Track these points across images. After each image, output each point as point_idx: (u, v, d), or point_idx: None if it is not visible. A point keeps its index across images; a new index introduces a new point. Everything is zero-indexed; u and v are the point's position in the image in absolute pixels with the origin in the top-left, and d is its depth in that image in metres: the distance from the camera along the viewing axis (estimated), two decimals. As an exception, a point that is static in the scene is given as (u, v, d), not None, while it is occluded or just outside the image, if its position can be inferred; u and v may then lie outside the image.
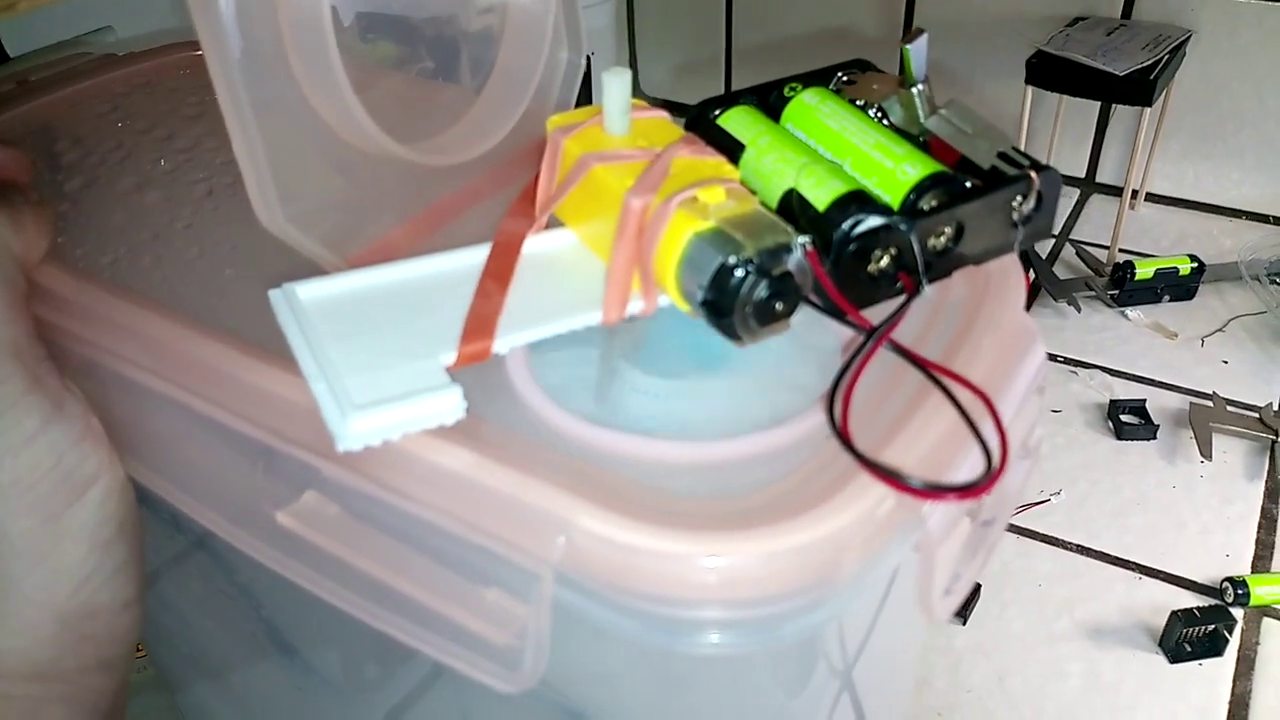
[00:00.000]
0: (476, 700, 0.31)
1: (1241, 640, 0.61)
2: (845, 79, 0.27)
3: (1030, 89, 0.88)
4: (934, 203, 0.24)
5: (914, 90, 0.26)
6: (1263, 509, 0.69)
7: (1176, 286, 0.88)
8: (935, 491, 0.20)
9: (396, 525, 0.23)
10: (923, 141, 0.26)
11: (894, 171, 0.24)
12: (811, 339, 0.26)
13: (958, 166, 0.25)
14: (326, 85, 0.24)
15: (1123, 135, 1.01)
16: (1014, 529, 0.68)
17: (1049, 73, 0.87)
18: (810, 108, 0.27)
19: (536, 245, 0.27)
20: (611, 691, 0.27)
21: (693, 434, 0.24)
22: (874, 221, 0.23)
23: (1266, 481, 0.70)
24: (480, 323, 0.24)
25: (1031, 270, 0.90)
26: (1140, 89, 0.83)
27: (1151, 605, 0.63)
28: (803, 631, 0.21)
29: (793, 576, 0.20)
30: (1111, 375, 0.81)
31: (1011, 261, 0.26)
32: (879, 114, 0.27)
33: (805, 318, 0.23)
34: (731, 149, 0.27)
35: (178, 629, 0.43)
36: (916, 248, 0.23)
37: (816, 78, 0.28)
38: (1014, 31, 0.99)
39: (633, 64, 1.27)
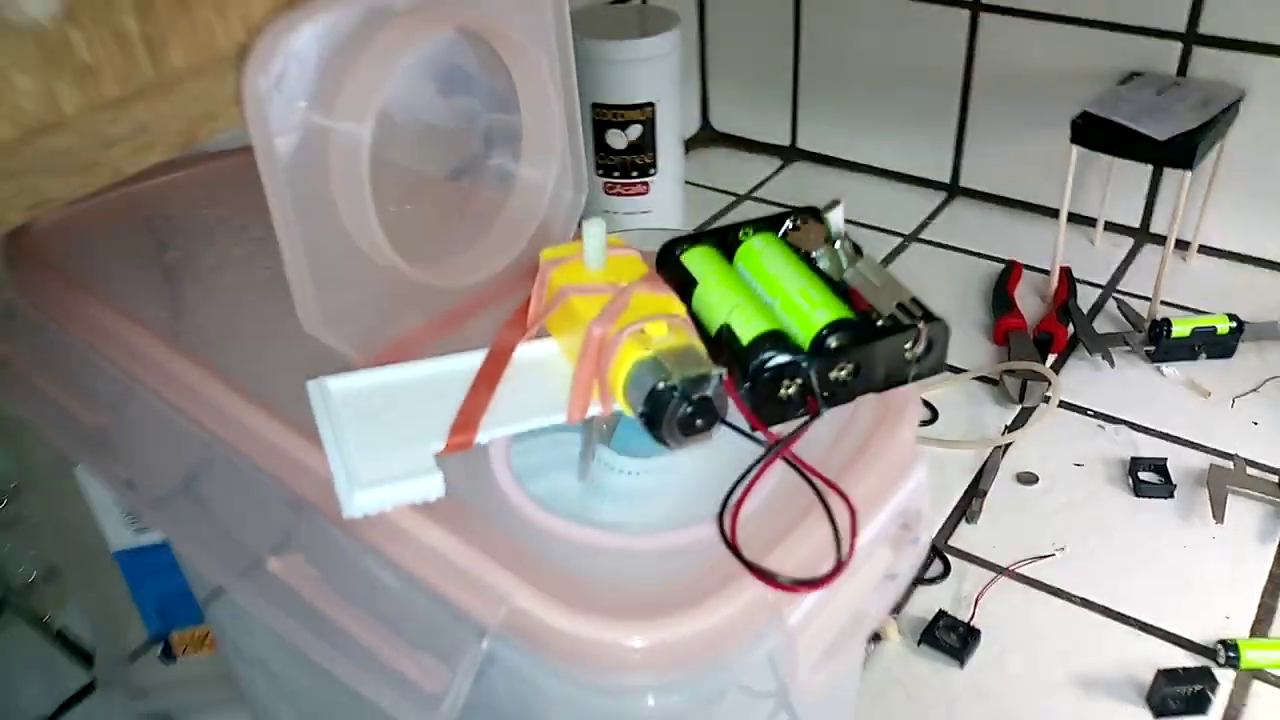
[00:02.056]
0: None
1: (1229, 701, 0.64)
2: (793, 226, 0.33)
3: (1075, 147, 0.91)
4: (837, 344, 0.29)
5: (836, 246, 0.31)
6: (1270, 574, 0.71)
7: (1214, 345, 0.89)
8: (794, 586, 0.25)
9: (369, 580, 0.29)
10: (843, 286, 0.31)
11: (809, 315, 0.30)
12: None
13: (866, 311, 0.30)
14: (364, 226, 0.31)
15: (1177, 186, 1.03)
16: (1022, 579, 0.72)
17: (1093, 133, 0.90)
18: (756, 251, 0.32)
19: (525, 352, 0.33)
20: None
21: (636, 507, 0.30)
22: (782, 359, 0.29)
23: (1279, 546, 0.73)
24: (468, 418, 0.30)
25: (1071, 323, 0.93)
26: (1181, 153, 0.85)
27: (1146, 661, 0.66)
28: (708, 687, 0.27)
29: (688, 655, 0.25)
30: (1137, 431, 0.83)
31: (909, 391, 0.31)
32: (812, 261, 0.32)
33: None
34: (687, 283, 0.32)
35: (241, 637, 0.50)
36: (816, 381, 0.28)
37: (768, 224, 0.33)
38: (1068, 84, 1.01)
39: (703, 100, 1.32)
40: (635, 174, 1.08)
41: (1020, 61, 1.06)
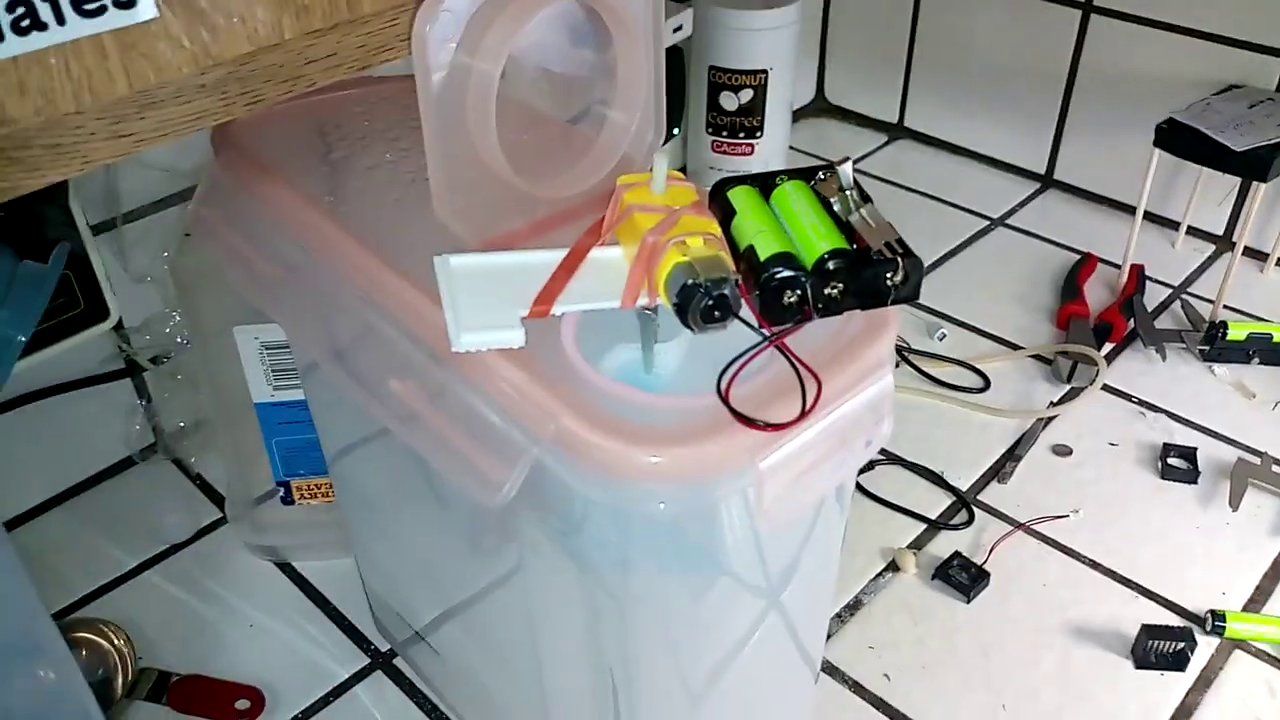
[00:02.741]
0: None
1: (1208, 663, 0.70)
2: (821, 177, 0.41)
3: (1157, 150, 0.96)
4: (833, 267, 0.38)
5: (846, 193, 0.40)
6: (1275, 561, 0.77)
7: (1268, 351, 0.94)
8: (766, 426, 0.35)
9: (462, 398, 0.39)
10: (849, 227, 0.40)
11: (815, 244, 0.38)
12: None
13: (861, 247, 0.39)
14: (488, 146, 0.41)
15: (1268, 198, 1.06)
16: (1037, 535, 0.79)
17: (1176, 139, 0.94)
18: (787, 194, 0.41)
19: (597, 254, 0.42)
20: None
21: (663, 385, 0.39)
22: (788, 273, 0.37)
23: (1287, 539, 0.78)
24: (547, 295, 0.40)
25: (1132, 316, 0.98)
26: (1256, 166, 0.90)
27: (1137, 621, 0.72)
28: (702, 501, 0.36)
29: (694, 471, 0.35)
30: (1175, 421, 0.89)
31: (887, 312, 0.40)
32: (829, 205, 0.41)
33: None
34: (729, 212, 0.41)
35: (358, 482, 0.61)
36: (812, 294, 0.37)
37: (802, 174, 0.42)
38: (1168, 90, 1.05)
39: (820, 71, 1.39)
40: (742, 135, 1.15)
41: (1124, 64, 1.10)
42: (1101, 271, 1.07)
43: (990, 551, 0.78)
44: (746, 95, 1.13)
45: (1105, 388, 0.93)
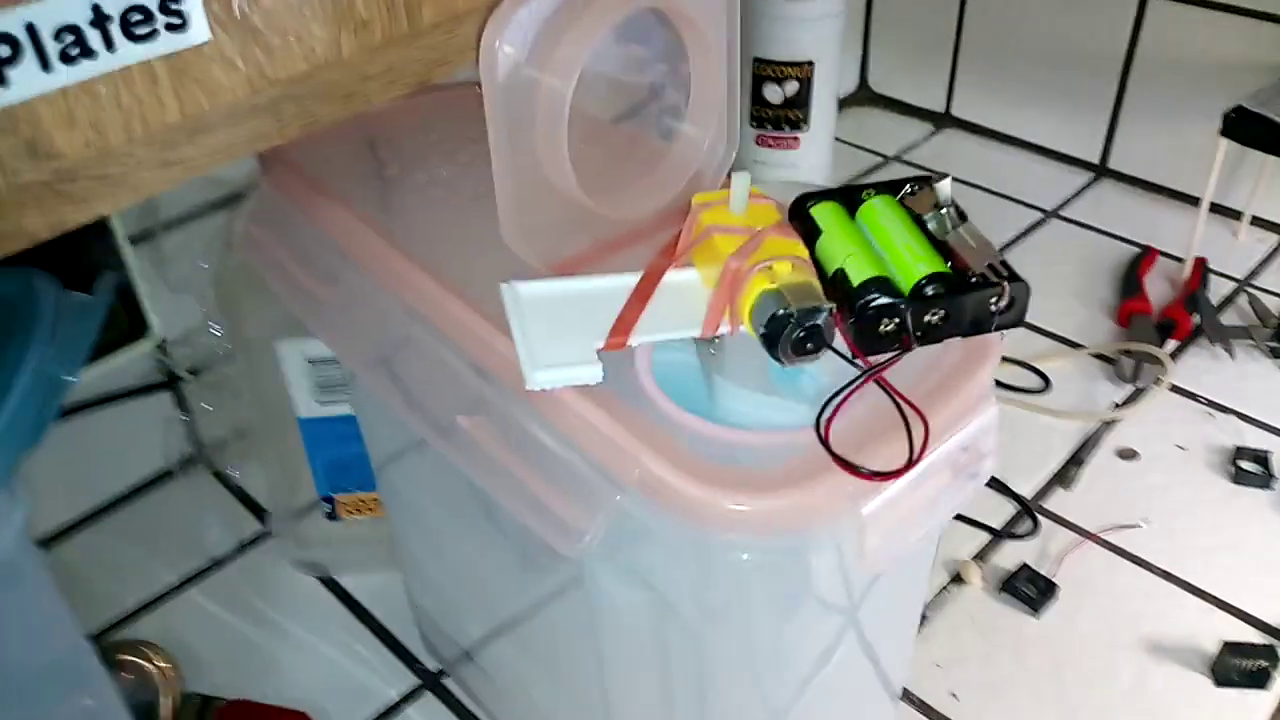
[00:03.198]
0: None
1: (1292, 681, 0.67)
2: (910, 191, 0.39)
3: (1224, 139, 0.92)
4: (932, 292, 0.35)
5: (942, 211, 0.37)
6: (1358, 571, 0.74)
7: (1341, 348, 0.90)
8: (874, 475, 0.32)
9: (536, 438, 0.37)
10: (946, 246, 0.37)
11: (912, 267, 0.36)
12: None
13: (961, 268, 0.36)
14: (559, 166, 0.38)
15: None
16: (1107, 545, 0.76)
17: (1245, 128, 0.91)
18: (875, 210, 0.38)
19: (672, 277, 0.40)
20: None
21: (750, 417, 0.37)
22: (884, 300, 0.35)
23: (1370, 547, 0.75)
24: (623, 325, 0.38)
25: (1197, 312, 0.95)
26: (1331, 156, 0.86)
27: (1215, 635, 0.69)
28: (793, 553, 0.34)
29: (790, 519, 0.33)
30: (1246, 422, 0.86)
31: (991, 339, 0.37)
32: (922, 222, 0.38)
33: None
34: (813, 231, 0.39)
35: (408, 497, 0.59)
36: (911, 322, 0.35)
37: (889, 187, 0.39)
38: (1230, 76, 1.01)
39: (863, 60, 1.35)
40: (788, 128, 1.12)
41: (1184, 49, 1.06)
42: (1162, 265, 1.04)
43: (1059, 563, 0.75)
44: (792, 87, 1.10)
45: (1171, 388, 0.89)
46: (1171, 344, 0.93)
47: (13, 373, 0.37)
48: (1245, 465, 0.81)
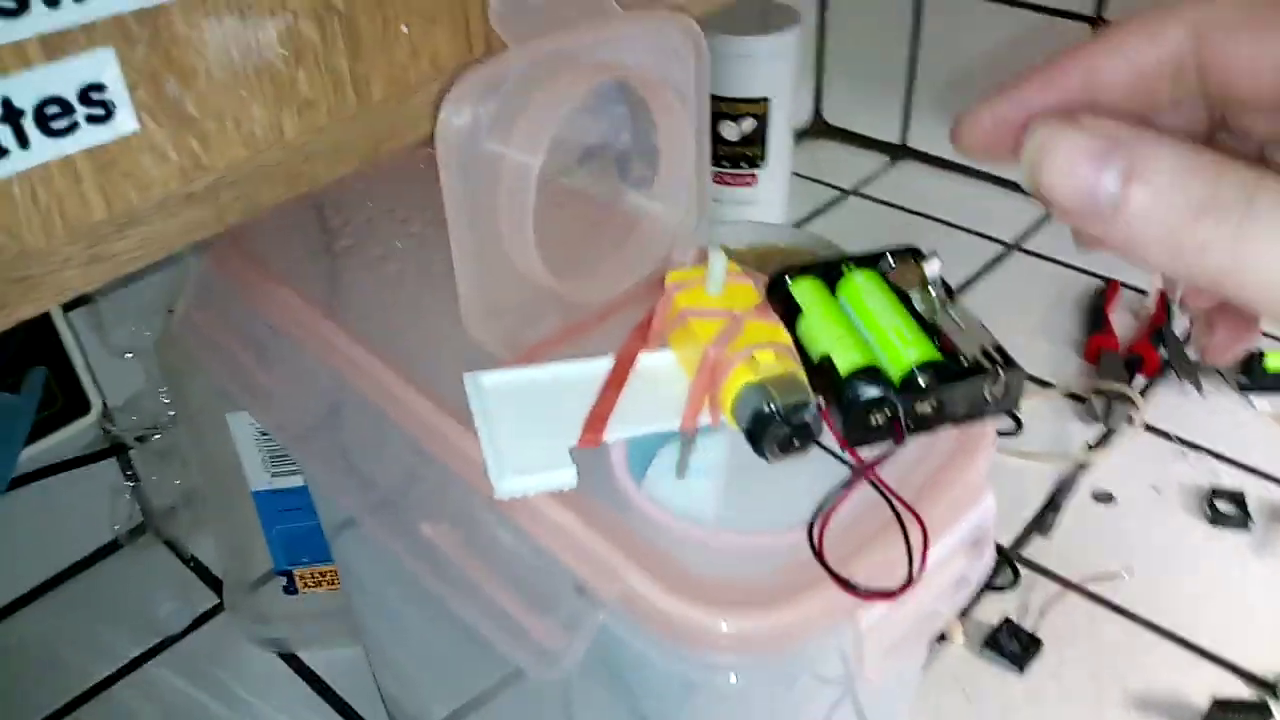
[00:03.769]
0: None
1: (1283, 733, 0.66)
2: (891, 264, 0.37)
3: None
4: (925, 382, 0.33)
5: (930, 290, 0.35)
6: (1341, 614, 0.73)
7: (1309, 381, 0.90)
8: (875, 595, 0.30)
9: (505, 546, 0.34)
10: (934, 327, 0.35)
11: (901, 352, 0.34)
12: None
13: (952, 353, 0.34)
14: (524, 250, 0.36)
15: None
16: (1088, 595, 0.75)
17: None
18: (858, 286, 0.36)
19: (646, 361, 0.37)
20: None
21: (733, 514, 0.34)
22: (874, 392, 0.33)
23: (1351, 588, 0.74)
24: (597, 419, 0.35)
25: (1163, 346, 0.94)
26: None
27: (1203, 688, 0.68)
28: (786, 673, 0.31)
29: (769, 643, 0.30)
30: (1220, 460, 0.85)
31: (984, 429, 0.35)
32: (907, 300, 0.36)
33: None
34: (793, 309, 0.36)
35: (362, 576, 0.56)
36: (903, 414, 0.33)
37: (869, 261, 0.37)
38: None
39: (817, 92, 1.34)
40: (744, 165, 1.11)
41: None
42: (1126, 298, 1.03)
43: (1042, 616, 0.73)
44: (748, 124, 1.09)
45: (1145, 427, 0.88)
46: (1141, 380, 0.93)
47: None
48: (1221, 506, 0.80)
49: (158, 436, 0.79)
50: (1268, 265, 0.22)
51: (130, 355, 0.76)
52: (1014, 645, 0.70)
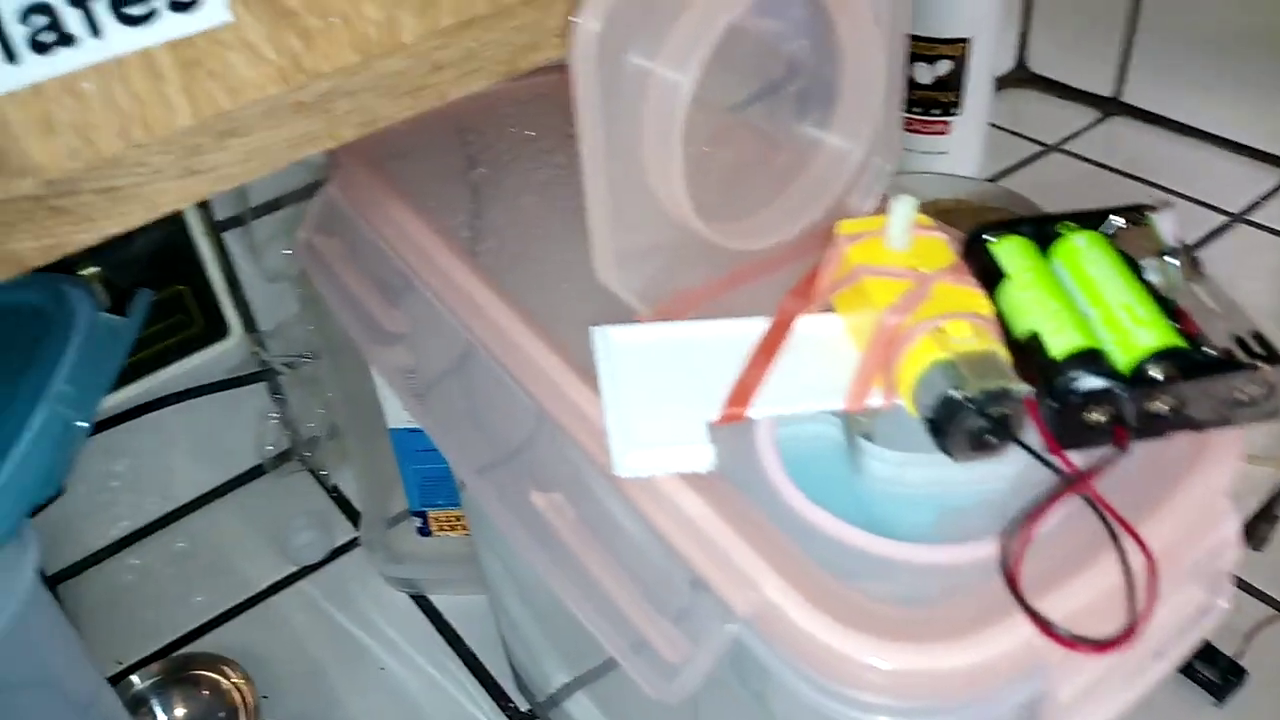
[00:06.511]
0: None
1: None
2: (1120, 224, 0.29)
3: None
4: (1160, 374, 0.26)
5: (1166, 259, 0.27)
6: None
7: None
8: (1075, 643, 0.23)
9: (625, 534, 0.29)
10: (1173, 305, 0.28)
11: (1131, 335, 0.27)
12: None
13: (1197, 338, 0.27)
14: (671, 185, 0.30)
15: None
16: (1307, 622, 0.65)
17: None
18: (1078, 250, 0.29)
19: (807, 325, 0.31)
20: None
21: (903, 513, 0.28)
22: (1096, 383, 0.26)
23: None
24: (743, 390, 0.30)
25: None
26: None
27: None
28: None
29: (933, 689, 0.24)
30: None
31: (1232, 434, 0.28)
32: (1139, 270, 0.29)
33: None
34: (994, 275, 0.30)
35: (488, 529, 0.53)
36: (1132, 413, 0.26)
37: (1091, 219, 0.30)
38: None
39: (1022, 37, 1.23)
40: (937, 112, 1.02)
41: None
42: (1373, 281, 0.90)
43: (1248, 641, 0.63)
44: (944, 67, 0.99)
45: (1389, 432, 0.76)
46: (1388, 378, 0.80)
47: (22, 418, 0.31)
48: None
49: (307, 364, 0.78)
50: None
51: (282, 281, 0.75)
52: (1212, 672, 0.62)
